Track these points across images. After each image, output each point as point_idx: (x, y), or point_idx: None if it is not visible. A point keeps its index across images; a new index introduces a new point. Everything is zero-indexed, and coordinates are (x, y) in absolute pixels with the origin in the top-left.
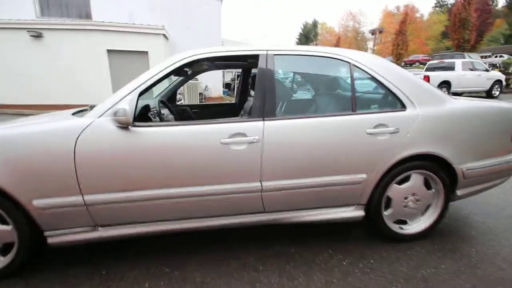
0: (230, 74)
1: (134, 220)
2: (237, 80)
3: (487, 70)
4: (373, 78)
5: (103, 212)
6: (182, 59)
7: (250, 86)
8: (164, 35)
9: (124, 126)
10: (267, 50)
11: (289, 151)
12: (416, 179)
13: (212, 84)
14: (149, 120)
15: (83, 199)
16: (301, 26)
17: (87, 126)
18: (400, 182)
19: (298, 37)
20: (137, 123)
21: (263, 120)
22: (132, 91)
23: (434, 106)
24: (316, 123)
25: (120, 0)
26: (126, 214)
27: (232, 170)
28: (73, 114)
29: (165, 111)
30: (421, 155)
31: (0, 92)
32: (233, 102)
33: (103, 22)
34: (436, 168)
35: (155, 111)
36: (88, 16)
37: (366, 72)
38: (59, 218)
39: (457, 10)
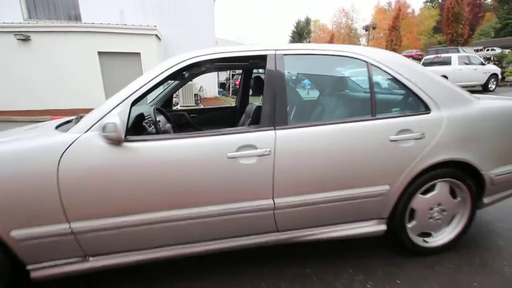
0: (225, 74)
1: (130, 247)
2: (232, 79)
3: (482, 64)
4: (393, 78)
5: (93, 241)
6: (180, 62)
7: (253, 88)
8: (156, 35)
9: (114, 142)
10: (275, 50)
11: (304, 163)
12: (441, 188)
13: (207, 84)
14: (144, 129)
15: (69, 227)
16: (294, 24)
17: (72, 143)
18: (424, 192)
19: (291, 35)
20: (130, 137)
21: (274, 129)
22: (123, 100)
23: (459, 107)
24: (333, 131)
25: (110, 0)
26: (121, 242)
27: (241, 188)
28: (57, 127)
29: (161, 118)
30: (447, 162)
31: None
32: (234, 105)
33: (93, 23)
34: (464, 175)
35: (151, 120)
36: (77, 17)
37: (385, 71)
38: (43, 249)
39: (450, 4)
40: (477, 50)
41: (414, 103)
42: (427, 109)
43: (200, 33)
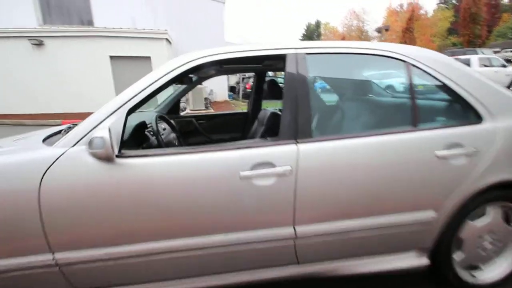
0: (235, 77)
1: (125, 281)
2: (242, 82)
3: (504, 66)
4: (437, 81)
5: (82, 274)
6: (186, 63)
7: (267, 93)
8: (167, 39)
9: (103, 160)
10: (296, 49)
11: (332, 184)
12: (494, 212)
13: (217, 88)
14: (147, 139)
15: (53, 258)
16: (304, 27)
17: (56, 159)
18: (473, 217)
19: (301, 38)
20: (126, 152)
21: (296, 142)
22: (118, 109)
23: None
24: (368, 145)
25: (121, 4)
26: (115, 275)
27: (256, 213)
28: (45, 139)
29: (166, 126)
30: (503, 183)
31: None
32: (245, 111)
33: (105, 28)
34: None
35: (154, 129)
36: (90, 22)
37: (428, 72)
38: (22, 284)
39: (467, 5)
40: (495, 52)
41: (462, 111)
42: (478, 118)
43: (210, 36)
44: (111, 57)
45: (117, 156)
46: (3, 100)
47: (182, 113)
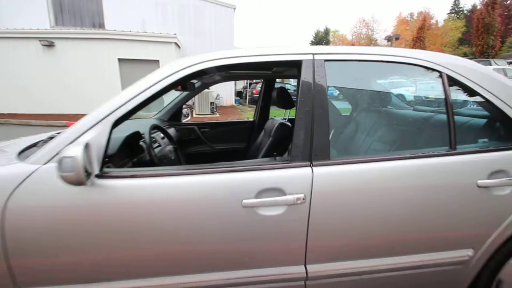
0: (242, 82)
1: None
2: (249, 88)
3: None
4: (480, 96)
5: None
6: (185, 68)
7: (276, 102)
8: (175, 43)
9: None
10: (313, 54)
11: (353, 216)
12: None
13: (224, 92)
14: (140, 152)
15: None
16: (312, 34)
17: (26, 177)
18: None
19: (309, 45)
20: (110, 171)
21: (311, 165)
22: (99, 122)
23: None
24: (395, 171)
25: (132, 8)
26: None
27: (260, 249)
28: (23, 151)
29: (164, 135)
30: None
31: (8, 101)
32: (251, 120)
33: (114, 30)
34: None
35: (147, 142)
36: (101, 25)
37: (469, 86)
38: None
39: (480, 15)
40: (509, 63)
41: (508, 131)
42: None
43: (219, 41)
44: (119, 60)
45: (97, 176)
46: (12, 100)
47: (185, 120)
